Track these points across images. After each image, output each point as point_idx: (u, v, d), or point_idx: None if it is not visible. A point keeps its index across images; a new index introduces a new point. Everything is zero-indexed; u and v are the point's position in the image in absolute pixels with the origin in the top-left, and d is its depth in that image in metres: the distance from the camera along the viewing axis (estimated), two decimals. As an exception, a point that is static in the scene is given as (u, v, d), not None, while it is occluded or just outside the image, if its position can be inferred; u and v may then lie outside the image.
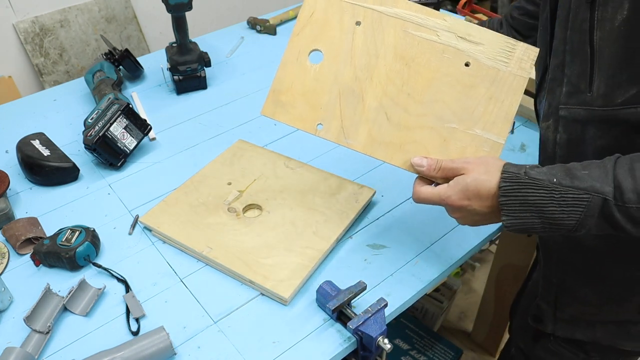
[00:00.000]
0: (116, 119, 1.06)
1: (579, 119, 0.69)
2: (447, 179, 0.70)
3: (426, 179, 0.73)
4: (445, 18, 0.74)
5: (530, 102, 1.18)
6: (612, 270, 0.77)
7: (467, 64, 0.74)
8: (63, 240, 0.87)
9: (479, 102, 0.73)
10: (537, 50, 0.73)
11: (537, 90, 0.86)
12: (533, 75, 0.88)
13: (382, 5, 0.75)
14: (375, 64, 0.75)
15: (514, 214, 0.64)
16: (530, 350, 0.94)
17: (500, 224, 0.77)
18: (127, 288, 0.84)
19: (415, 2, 0.86)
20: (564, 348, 0.86)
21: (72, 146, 1.15)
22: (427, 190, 0.71)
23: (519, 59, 0.72)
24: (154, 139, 1.17)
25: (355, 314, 0.76)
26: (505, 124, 0.73)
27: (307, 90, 0.76)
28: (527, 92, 1.23)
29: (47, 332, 0.77)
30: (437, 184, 0.72)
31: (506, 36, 0.73)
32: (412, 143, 0.75)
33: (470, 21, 1.54)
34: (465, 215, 0.70)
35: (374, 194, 0.97)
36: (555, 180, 0.61)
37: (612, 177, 0.59)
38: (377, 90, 0.75)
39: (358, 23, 0.75)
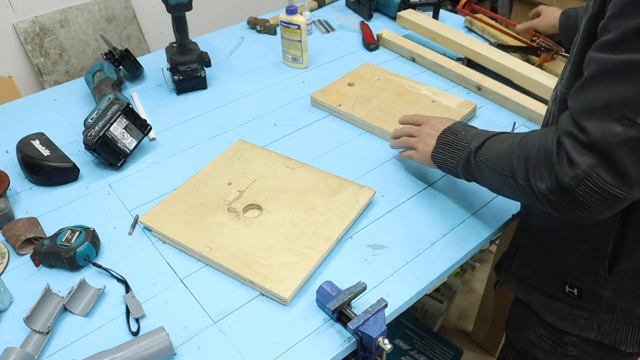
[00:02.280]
0: (116, 119, 1.06)
1: (557, 100, 0.77)
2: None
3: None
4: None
5: (530, 103, 1.18)
6: (552, 244, 0.84)
7: (433, 101, 1.20)
8: (63, 240, 0.87)
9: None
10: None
11: None
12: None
13: None
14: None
15: (437, 149, 0.91)
16: (515, 342, 0.99)
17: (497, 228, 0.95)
18: (127, 288, 0.84)
19: (416, 2, 0.88)
20: (544, 341, 0.91)
21: (72, 146, 1.15)
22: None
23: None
24: (154, 139, 1.17)
25: (355, 314, 0.76)
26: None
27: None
28: (527, 93, 1.23)
29: (47, 333, 0.77)
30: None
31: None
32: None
33: (472, 22, 1.54)
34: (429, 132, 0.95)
35: (374, 194, 0.97)
36: (463, 133, 0.87)
37: (485, 139, 0.81)
38: None
39: None
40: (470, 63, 1.37)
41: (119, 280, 0.86)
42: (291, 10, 1.31)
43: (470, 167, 0.83)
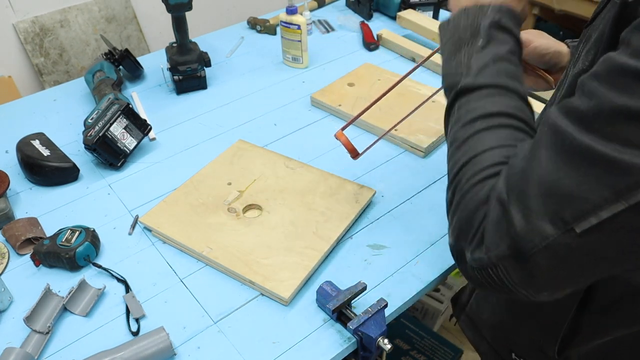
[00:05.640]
0: (116, 119, 1.06)
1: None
2: None
3: None
4: None
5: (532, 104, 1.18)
6: (504, 306, 0.77)
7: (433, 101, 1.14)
8: (63, 240, 0.87)
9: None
10: None
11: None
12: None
13: None
14: None
15: (447, 23, 0.65)
16: None
17: None
18: (127, 288, 0.84)
19: (416, 2, 0.88)
20: None
21: (72, 146, 1.15)
22: None
23: None
24: (154, 139, 1.17)
25: (355, 315, 0.76)
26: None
27: None
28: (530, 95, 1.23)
29: (47, 333, 0.77)
30: None
31: None
32: None
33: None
34: None
35: (374, 194, 0.97)
36: (480, 42, 0.60)
37: (482, 85, 0.58)
38: None
39: None
40: (470, 63, 1.37)
41: (119, 280, 0.86)
42: (291, 10, 1.31)
43: (448, 101, 0.63)
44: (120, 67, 1.33)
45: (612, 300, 0.61)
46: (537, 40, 0.81)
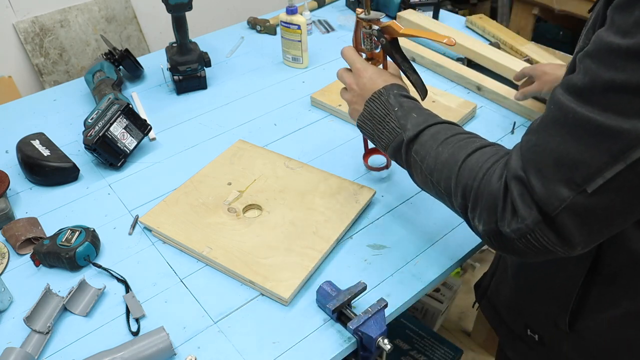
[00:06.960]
0: (116, 119, 1.06)
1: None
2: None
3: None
4: None
5: (530, 102, 1.18)
6: (522, 281, 0.82)
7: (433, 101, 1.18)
8: (63, 240, 0.87)
9: None
10: None
11: None
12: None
13: None
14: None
15: (363, 117, 0.80)
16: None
17: None
18: (127, 288, 0.84)
19: (416, 2, 0.88)
20: None
21: (72, 146, 1.15)
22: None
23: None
24: (154, 139, 1.17)
25: (355, 315, 0.76)
26: None
27: None
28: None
29: (47, 333, 0.77)
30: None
31: None
32: None
33: (472, 22, 1.54)
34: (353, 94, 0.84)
35: (374, 194, 0.97)
36: (397, 109, 0.75)
37: (422, 129, 0.71)
38: None
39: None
40: (470, 63, 1.37)
41: (119, 280, 0.86)
42: (291, 10, 1.31)
43: (400, 158, 0.76)
44: (120, 67, 1.33)
45: (616, 269, 0.65)
46: (555, 73, 1.03)
